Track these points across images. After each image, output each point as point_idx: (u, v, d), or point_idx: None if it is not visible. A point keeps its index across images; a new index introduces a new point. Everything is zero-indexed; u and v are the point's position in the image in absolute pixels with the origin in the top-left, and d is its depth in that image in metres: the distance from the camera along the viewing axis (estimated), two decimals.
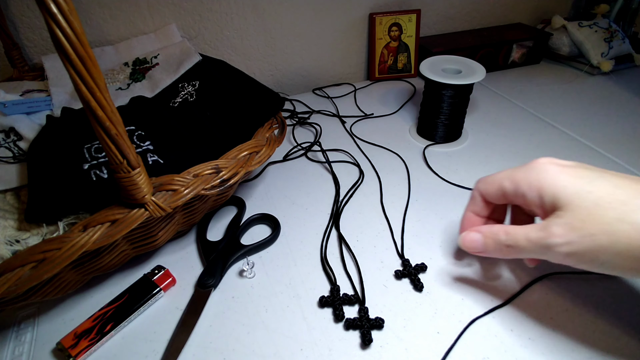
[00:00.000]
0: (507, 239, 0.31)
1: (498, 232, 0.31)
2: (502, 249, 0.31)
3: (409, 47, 0.78)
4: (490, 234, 0.32)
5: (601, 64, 0.76)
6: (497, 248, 0.32)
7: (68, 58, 0.22)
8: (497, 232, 0.32)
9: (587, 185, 0.28)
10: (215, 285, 0.39)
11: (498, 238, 0.31)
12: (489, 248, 0.32)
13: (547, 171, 0.30)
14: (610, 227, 0.25)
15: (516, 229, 0.30)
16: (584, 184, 0.28)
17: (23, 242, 0.37)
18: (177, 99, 0.51)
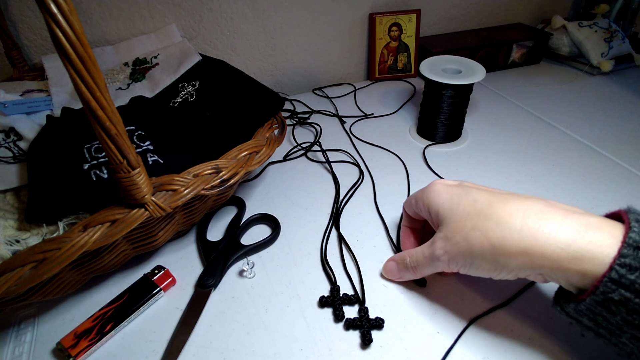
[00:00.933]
0: (410, 261, 0.35)
1: (404, 257, 0.36)
2: (411, 270, 0.35)
3: (409, 47, 0.78)
4: (400, 259, 0.37)
5: (601, 64, 0.76)
6: (407, 271, 0.36)
7: (68, 58, 0.22)
8: (404, 257, 0.36)
9: (457, 200, 0.31)
10: (215, 285, 0.39)
11: (405, 262, 0.36)
12: (402, 273, 0.37)
13: (433, 191, 0.34)
14: (467, 235, 0.29)
15: (416, 250, 0.35)
16: (456, 200, 0.31)
17: (23, 242, 0.37)
18: (177, 99, 0.51)
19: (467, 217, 0.30)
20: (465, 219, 0.30)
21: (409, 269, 0.35)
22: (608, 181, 0.51)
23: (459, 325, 0.35)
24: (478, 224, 0.29)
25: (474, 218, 0.29)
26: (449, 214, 0.31)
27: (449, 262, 0.31)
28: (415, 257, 0.35)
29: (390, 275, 0.38)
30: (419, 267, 0.34)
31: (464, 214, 0.30)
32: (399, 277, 0.38)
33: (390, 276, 0.38)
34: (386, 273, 0.39)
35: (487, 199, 0.30)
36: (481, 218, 0.29)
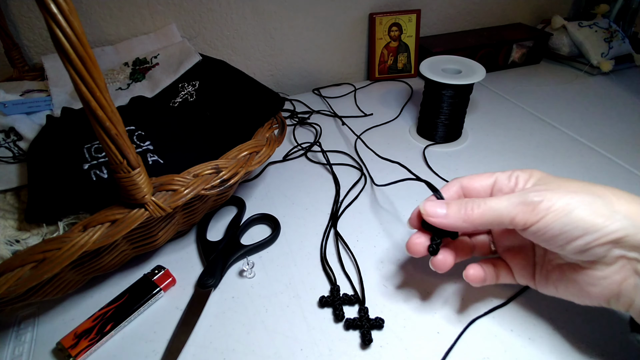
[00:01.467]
0: (475, 205, 0.29)
1: (466, 200, 0.30)
2: (465, 212, 0.29)
3: (409, 47, 0.78)
4: (459, 201, 0.30)
5: (601, 64, 0.76)
6: (459, 212, 0.29)
7: (68, 58, 0.22)
8: (466, 200, 0.30)
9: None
10: (215, 285, 0.39)
11: (466, 204, 0.29)
12: (450, 213, 0.29)
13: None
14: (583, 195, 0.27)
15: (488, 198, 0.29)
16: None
17: (23, 242, 0.37)
18: (177, 99, 0.51)
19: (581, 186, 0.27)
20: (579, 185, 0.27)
21: (466, 210, 0.29)
22: (608, 181, 0.51)
23: (459, 325, 0.35)
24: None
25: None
26: (556, 180, 0.28)
27: (542, 214, 0.26)
28: (486, 202, 0.28)
29: (429, 210, 0.30)
30: (482, 212, 0.28)
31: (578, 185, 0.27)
32: (440, 216, 0.30)
33: (430, 211, 0.30)
34: (427, 207, 0.30)
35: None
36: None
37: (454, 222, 0.29)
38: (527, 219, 0.26)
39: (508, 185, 0.30)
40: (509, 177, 0.30)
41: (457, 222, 0.29)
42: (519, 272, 0.32)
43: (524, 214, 0.26)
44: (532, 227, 0.26)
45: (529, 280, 0.32)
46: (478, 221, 0.28)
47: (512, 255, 0.33)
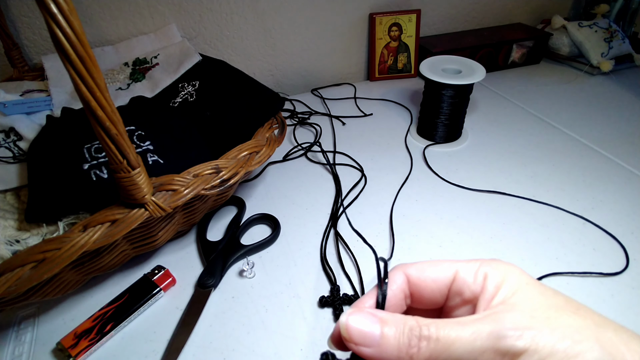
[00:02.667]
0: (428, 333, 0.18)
1: (412, 323, 0.19)
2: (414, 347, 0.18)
3: (409, 47, 0.78)
4: (399, 321, 0.19)
5: (601, 64, 0.76)
6: (402, 341, 0.18)
7: (68, 58, 0.22)
8: (411, 323, 0.19)
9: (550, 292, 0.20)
10: (215, 285, 0.39)
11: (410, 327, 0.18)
12: (388, 336, 0.18)
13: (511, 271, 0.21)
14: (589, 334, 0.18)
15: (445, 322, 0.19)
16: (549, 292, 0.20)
17: (23, 242, 0.37)
18: (177, 99, 0.51)
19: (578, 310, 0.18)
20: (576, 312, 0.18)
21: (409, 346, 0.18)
22: (608, 181, 0.51)
23: None
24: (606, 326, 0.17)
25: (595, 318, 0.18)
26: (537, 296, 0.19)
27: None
28: (440, 333, 0.18)
29: (355, 334, 0.19)
30: (432, 351, 0.18)
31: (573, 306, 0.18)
32: (371, 343, 0.18)
33: (355, 335, 0.19)
34: (353, 333, 0.19)
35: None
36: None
37: (387, 359, 0.18)
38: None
39: (471, 288, 0.20)
40: (475, 275, 0.20)
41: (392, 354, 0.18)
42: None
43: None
44: None
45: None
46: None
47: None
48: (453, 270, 0.21)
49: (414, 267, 0.22)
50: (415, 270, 0.22)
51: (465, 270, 0.21)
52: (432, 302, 0.21)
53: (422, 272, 0.21)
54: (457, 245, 0.42)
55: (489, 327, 0.17)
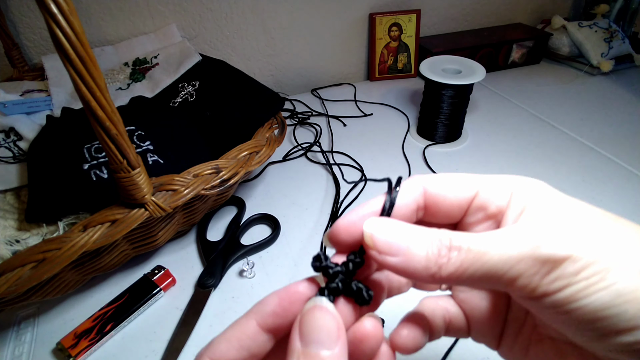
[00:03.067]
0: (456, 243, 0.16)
1: (440, 234, 0.17)
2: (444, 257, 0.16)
3: (409, 47, 0.77)
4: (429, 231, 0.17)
5: (601, 64, 0.76)
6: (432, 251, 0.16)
7: (68, 58, 0.22)
8: (439, 233, 0.17)
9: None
10: (215, 285, 0.39)
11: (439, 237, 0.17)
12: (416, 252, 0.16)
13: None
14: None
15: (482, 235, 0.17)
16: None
17: (23, 242, 0.37)
18: (177, 99, 0.51)
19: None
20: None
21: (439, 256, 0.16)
22: (608, 181, 0.51)
23: None
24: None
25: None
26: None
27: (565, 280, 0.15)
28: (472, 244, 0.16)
29: (382, 241, 0.17)
30: (463, 262, 0.16)
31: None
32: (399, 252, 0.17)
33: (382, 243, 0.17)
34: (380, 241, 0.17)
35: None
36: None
37: (412, 269, 0.17)
38: (537, 285, 0.15)
39: (496, 203, 0.18)
40: (500, 192, 0.18)
41: (419, 271, 0.16)
42: (479, 328, 0.21)
43: (533, 276, 0.15)
44: (547, 298, 0.15)
45: (491, 340, 0.21)
46: (453, 277, 0.16)
47: (474, 301, 0.21)
48: (477, 184, 0.19)
49: (433, 178, 0.19)
50: (434, 181, 0.19)
51: (491, 184, 0.19)
52: (447, 217, 0.20)
53: (442, 184, 0.19)
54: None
55: (526, 235, 0.16)
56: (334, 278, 0.18)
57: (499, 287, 0.16)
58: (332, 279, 0.18)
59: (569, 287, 0.15)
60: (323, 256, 0.18)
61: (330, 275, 0.18)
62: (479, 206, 0.19)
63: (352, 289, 0.18)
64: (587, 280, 0.14)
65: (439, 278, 0.16)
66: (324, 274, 0.18)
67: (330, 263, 0.18)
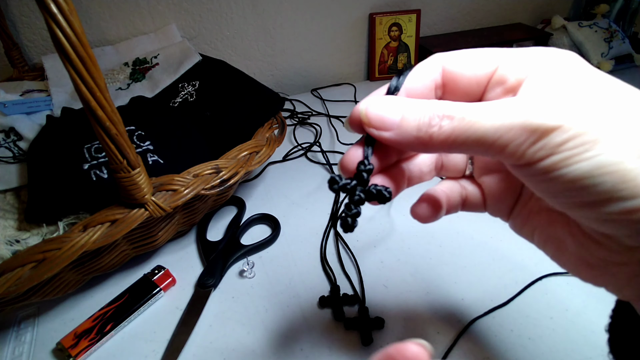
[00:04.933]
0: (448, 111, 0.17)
1: (432, 104, 0.17)
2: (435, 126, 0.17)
3: (409, 47, 0.78)
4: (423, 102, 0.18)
5: (601, 64, 0.76)
6: (422, 121, 0.17)
7: (68, 58, 0.22)
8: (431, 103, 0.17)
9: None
10: (215, 285, 0.39)
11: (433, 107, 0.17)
12: (409, 118, 0.17)
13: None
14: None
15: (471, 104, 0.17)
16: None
17: (23, 242, 0.37)
18: (177, 99, 0.51)
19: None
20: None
21: (430, 126, 0.17)
22: None
23: (459, 325, 0.35)
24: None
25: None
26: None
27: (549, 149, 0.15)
28: (464, 113, 0.16)
29: (373, 114, 0.18)
30: (452, 131, 0.16)
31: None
32: (389, 126, 0.18)
33: (374, 117, 0.18)
34: (372, 116, 0.18)
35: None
36: None
37: (404, 141, 0.17)
38: (522, 154, 0.15)
39: (515, 75, 0.18)
40: (520, 64, 0.18)
41: (410, 142, 0.17)
42: (495, 204, 0.23)
43: (521, 145, 0.15)
44: (531, 167, 0.16)
45: (503, 214, 0.23)
46: (445, 146, 0.17)
47: (494, 182, 0.23)
48: (498, 58, 0.18)
49: (452, 54, 0.19)
50: (452, 58, 0.19)
51: (512, 57, 0.18)
52: (467, 94, 0.19)
53: (461, 61, 0.19)
54: (458, 245, 0.42)
55: (520, 103, 0.16)
56: (354, 192, 0.19)
57: (489, 154, 0.16)
58: (352, 193, 0.19)
59: (551, 156, 0.15)
60: (337, 177, 0.19)
61: (349, 189, 0.19)
62: (498, 80, 0.18)
63: (372, 193, 0.19)
64: (571, 150, 0.14)
65: (432, 146, 0.17)
66: (343, 191, 0.19)
67: (345, 180, 0.19)
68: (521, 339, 0.33)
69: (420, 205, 0.23)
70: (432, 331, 0.34)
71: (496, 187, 0.23)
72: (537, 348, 0.33)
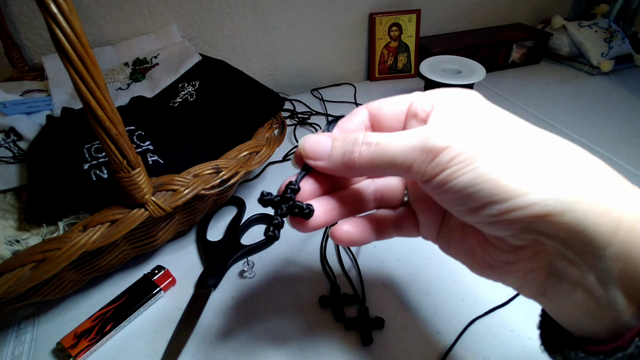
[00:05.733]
0: (365, 140, 0.21)
1: (354, 136, 0.21)
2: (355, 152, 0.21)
3: (409, 47, 0.78)
4: (344, 138, 0.22)
5: (601, 64, 0.76)
6: (346, 149, 0.21)
7: (68, 58, 0.22)
8: (353, 136, 0.21)
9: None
10: (215, 285, 0.39)
11: (353, 140, 0.21)
12: (335, 148, 0.21)
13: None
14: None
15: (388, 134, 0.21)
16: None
17: (23, 242, 0.37)
18: (177, 99, 0.51)
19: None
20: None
21: (352, 151, 0.21)
22: None
23: (459, 325, 0.35)
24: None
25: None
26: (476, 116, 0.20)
27: (442, 165, 0.18)
28: (378, 140, 0.20)
29: (309, 147, 0.22)
30: (371, 155, 0.20)
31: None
32: (321, 156, 0.22)
33: (309, 149, 0.22)
34: (307, 149, 0.22)
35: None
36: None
37: (334, 167, 0.21)
38: (424, 171, 0.19)
39: (424, 108, 0.22)
40: (427, 100, 0.22)
41: (339, 167, 0.21)
42: (427, 227, 0.26)
43: (422, 163, 0.19)
44: (432, 181, 0.19)
45: (433, 236, 0.26)
46: (365, 168, 0.20)
47: (425, 207, 0.25)
48: (411, 96, 0.23)
49: (375, 102, 0.24)
50: (375, 104, 0.24)
51: (421, 96, 0.22)
52: (391, 129, 0.23)
53: (382, 102, 0.24)
54: None
55: (420, 130, 0.19)
56: (279, 205, 0.23)
57: (401, 173, 0.20)
58: (277, 206, 0.23)
59: (444, 171, 0.18)
60: (266, 193, 0.24)
61: (275, 203, 0.23)
62: (412, 114, 0.22)
63: (293, 208, 0.23)
64: (456, 165, 0.18)
65: (356, 169, 0.21)
66: (269, 204, 0.24)
67: (271, 196, 0.23)
68: (521, 339, 0.33)
69: (342, 227, 0.25)
70: (432, 331, 0.34)
71: (425, 211, 0.26)
72: (537, 348, 0.33)
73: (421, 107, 0.22)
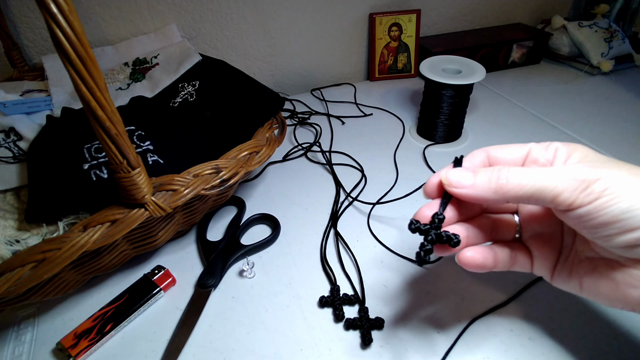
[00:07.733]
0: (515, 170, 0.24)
1: (498, 168, 0.25)
2: (503, 179, 0.24)
3: (409, 47, 0.77)
4: (489, 170, 0.25)
5: (601, 64, 0.76)
6: (492, 178, 0.24)
7: (68, 58, 0.22)
8: (498, 168, 0.25)
9: None
10: (215, 285, 0.39)
11: (500, 167, 0.25)
12: (480, 178, 0.25)
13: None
14: None
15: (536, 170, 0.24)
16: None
17: (23, 242, 0.37)
18: (177, 99, 0.51)
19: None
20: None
21: (499, 179, 0.24)
22: None
23: (459, 325, 0.35)
24: None
25: None
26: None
27: (595, 195, 0.22)
28: (525, 171, 0.24)
29: (453, 178, 0.26)
30: (519, 182, 0.23)
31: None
32: (465, 185, 0.25)
33: (453, 180, 0.26)
34: (452, 178, 0.26)
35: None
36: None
37: (482, 194, 0.24)
38: (575, 198, 0.22)
39: (545, 157, 0.26)
40: (546, 149, 0.26)
41: (487, 193, 0.24)
42: (541, 263, 0.28)
43: (574, 191, 0.22)
44: (580, 209, 0.22)
45: (548, 272, 0.28)
46: (513, 193, 0.23)
47: (540, 243, 0.29)
48: (527, 148, 0.27)
49: (493, 147, 0.28)
50: (494, 150, 0.28)
51: (538, 147, 0.27)
52: None
53: (500, 150, 0.28)
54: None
55: (568, 167, 0.24)
56: (427, 233, 0.25)
57: (547, 201, 0.23)
58: (426, 234, 0.26)
59: (597, 199, 0.21)
60: (415, 221, 0.26)
61: (424, 231, 0.26)
62: (531, 161, 0.27)
63: (442, 237, 0.25)
64: (609, 195, 0.21)
65: (502, 193, 0.24)
66: (419, 232, 0.26)
67: (421, 225, 0.26)
68: (521, 339, 0.33)
69: (465, 253, 0.27)
70: (432, 331, 0.34)
71: (540, 248, 0.28)
72: (537, 348, 0.33)
73: (543, 156, 0.26)
